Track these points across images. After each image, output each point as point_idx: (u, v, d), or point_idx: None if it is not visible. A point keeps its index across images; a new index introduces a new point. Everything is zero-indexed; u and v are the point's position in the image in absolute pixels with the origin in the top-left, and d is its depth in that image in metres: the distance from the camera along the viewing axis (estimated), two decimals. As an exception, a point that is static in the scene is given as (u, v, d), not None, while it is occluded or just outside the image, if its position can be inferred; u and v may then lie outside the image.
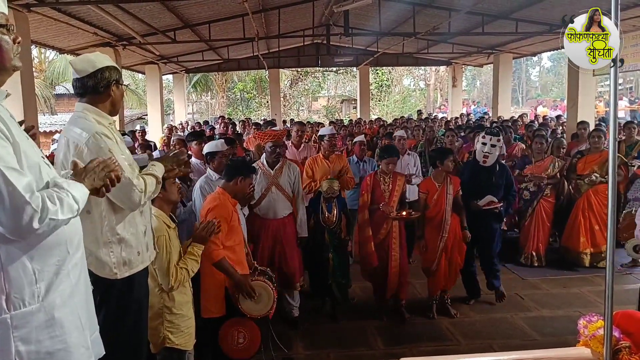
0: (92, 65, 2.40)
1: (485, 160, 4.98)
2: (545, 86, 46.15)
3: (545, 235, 6.31)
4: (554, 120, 13.57)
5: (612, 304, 1.84)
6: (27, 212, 1.54)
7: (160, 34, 11.17)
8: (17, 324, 1.64)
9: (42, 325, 1.68)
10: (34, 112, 8.00)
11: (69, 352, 1.75)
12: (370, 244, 4.74)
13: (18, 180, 1.53)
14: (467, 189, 5.00)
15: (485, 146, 4.97)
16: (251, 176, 3.82)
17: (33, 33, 8.66)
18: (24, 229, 1.56)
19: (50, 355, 1.70)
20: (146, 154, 3.66)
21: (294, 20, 13.76)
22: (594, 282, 5.72)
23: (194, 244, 3.23)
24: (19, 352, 1.64)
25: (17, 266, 1.64)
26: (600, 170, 6.03)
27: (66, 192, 1.68)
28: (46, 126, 16.68)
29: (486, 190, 4.97)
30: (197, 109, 35.14)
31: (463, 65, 20.56)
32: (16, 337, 1.63)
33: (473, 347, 4.25)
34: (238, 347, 3.51)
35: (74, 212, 1.70)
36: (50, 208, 1.59)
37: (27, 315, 1.65)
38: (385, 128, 11.35)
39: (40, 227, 1.57)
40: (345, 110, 34.30)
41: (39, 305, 1.68)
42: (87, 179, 1.85)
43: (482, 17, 10.95)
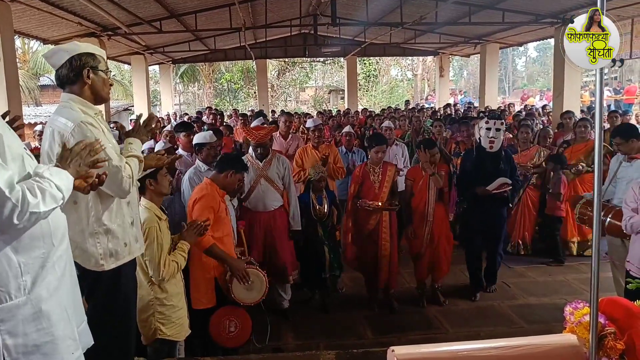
0: (63, 55, 2.37)
1: (492, 146, 4.86)
2: (532, 76, 46.35)
3: (531, 224, 6.38)
4: (539, 110, 13.67)
5: (597, 291, 1.87)
6: (7, 206, 1.53)
7: (146, 24, 11.03)
8: (4, 317, 1.64)
9: (28, 318, 1.69)
10: (18, 104, 7.88)
11: (56, 344, 1.75)
12: (349, 234, 4.84)
13: (1, 174, 1.53)
14: (474, 177, 4.95)
15: (490, 131, 4.85)
16: (242, 173, 3.85)
17: (16, 23, 8.50)
18: (3, 224, 1.56)
19: (37, 348, 1.70)
20: (117, 124, 3.60)
21: (281, 10, 13.66)
22: (579, 269, 5.80)
23: (182, 241, 3.23)
24: (6, 345, 1.64)
25: (2, 259, 1.64)
26: (586, 159, 6.08)
27: (48, 182, 1.67)
28: (31, 118, 16.39)
29: (494, 176, 4.88)
30: (184, 99, 34.81)
31: (450, 55, 20.61)
32: (3, 330, 1.64)
33: (460, 335, 4.31)
34: (229, 336, 3.52)
35: (57, 201, 1.69)
36: (30, 201, 1.58)
37: (13, 309, 1.66)
38: (373, 119, 11.37)
39: (21, 221, 1.57)
40: (332, 101, 34.22)
41: (25, 298, 1.68)
42: (73, 164, 1.84)
43: (469, 7, 10.97)
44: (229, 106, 29.04)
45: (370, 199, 4.70)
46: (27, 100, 19.75)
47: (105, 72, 2.46)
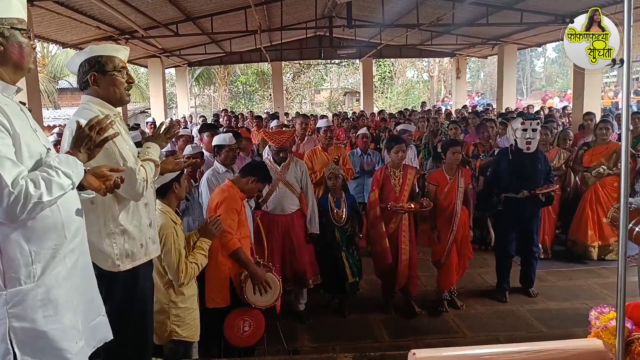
0: (77, 61, 2.47)
1: (529, 147, 4.81)
2: (550, 77, 45.86)
3: (551, 227, 6.27)
4: (560, 111, 13.48)
5: (624, 295, 1.82)
6: (10, 199, 1.62)
7: (162, 27, 11.12)
8: (12, 301, 1.71)
9: (36, 304, 1.76)
10: (38, 107, 7.98)
11: (62, 331, 1.82)
12: (385, 240, 4.68)
13: (9, 169, 1.62)
14: (511, 179, 4.90)
15: (527, 132, 4.79)
16: (264, 184, 3.88)
17: (36, 27, 8.63)
18: (8, 215, 1.65)
19: (43, 333, 1.77)
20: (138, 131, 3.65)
21: (297, 12, 13.68)
22: (600, 274, 5.69)
23: (202, 239, 3.23)
24: (13, 327, 1.72)
25: (14, 247, 1.73)
26: (607, 162, 5.97)
27: (55, 170, 1.73)
28: (50, 120, 16.63)
29: (532, 177, 4.84)
30: (199, 102, 35.08)
31: (467, 56, 20.43)
32: (11, 313, 1.71)
33: (479, 340, 4.25)
34: (243, 335, 3.50)
35: (65, 188, 1.76)
36: (32, 194, 1.65)
37: (22, 294, 1.73)
38: (386, 120, 11.31)
39: (24, 213, 1.65)
40: (348, 103, 34.19)
41: (34, 284, 1.76)
42: (84, 147, 1.92)
43: (486, 8, 10.85)
44: (244, 109, 29.14)
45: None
46: (46, 103, 20.08)
47: (118, 71, 2.45)
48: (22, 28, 1.83)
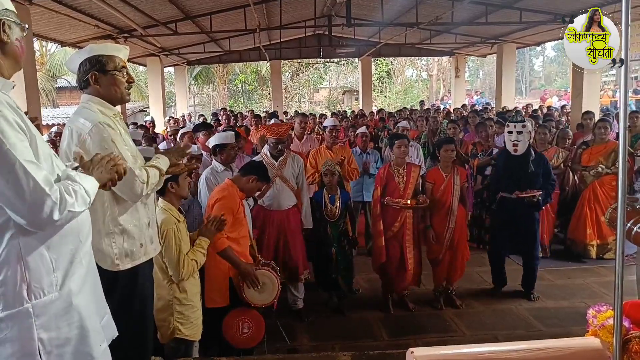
0: (77, 60, 2.45)
1: (516, 149, 4.85)
2: (549, 76, 45.79)
3: (549, 226, 6.27)
4: (559, 110, 13.49)
5: (622, 293, 1.82)
6: (47, 204, 1.60)
7: (161, 26, 11.11)
8: (38, 312, 1.71)
9: (60, 312, 1.76)
10: (36, 105, 7.98)
11: (86, 336, 1.83)
12: (381, 238, 4.72)
13: (37, 173, 1.60)
14: (503, 180, 4.96)
15: (512, 134, 4.86)
16: (264, 183, 3.89)
17: (34, 26, 8.63)
18: (44, 221, 1.62)
19: (68, 340, 1.77)
20: (153, 147, 3.67)
21: (296, 11, 13.67)
22: (599, 273, 5.70)
23: (201, 238, 3.24)
24: (41, 339, 1.71)
25: (36, 256, 1.70)
26: (606, 161, 5.98)
27: (79, 185, 1.74)
28: (48, 119, 16.62)
29: (523, 179, 4.85)
30: (198, 101, 35.02)
31: (466, 55, 20.43)
32: (38, 325, 1.70)
33: (478, 338, 4.26)
34: (242, 337, 3.51)
35: (86, 204, 1.76)
36: (68, 200, 1.65)
37: (47, 304, 1.73)
38: (385, 119, 11.31)
39: (60, 218, 1.63)
40: (347, 102, 34.16)
41: (57, 293, 1.76)
42: (95, 171, 1.90)
43: (485, 7, 10.86)
44: (243, 107, 29.11)
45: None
46: (44, 102, 20.02)
47: (119, 71, 2.45)
48: (20, 22, 1.82)
